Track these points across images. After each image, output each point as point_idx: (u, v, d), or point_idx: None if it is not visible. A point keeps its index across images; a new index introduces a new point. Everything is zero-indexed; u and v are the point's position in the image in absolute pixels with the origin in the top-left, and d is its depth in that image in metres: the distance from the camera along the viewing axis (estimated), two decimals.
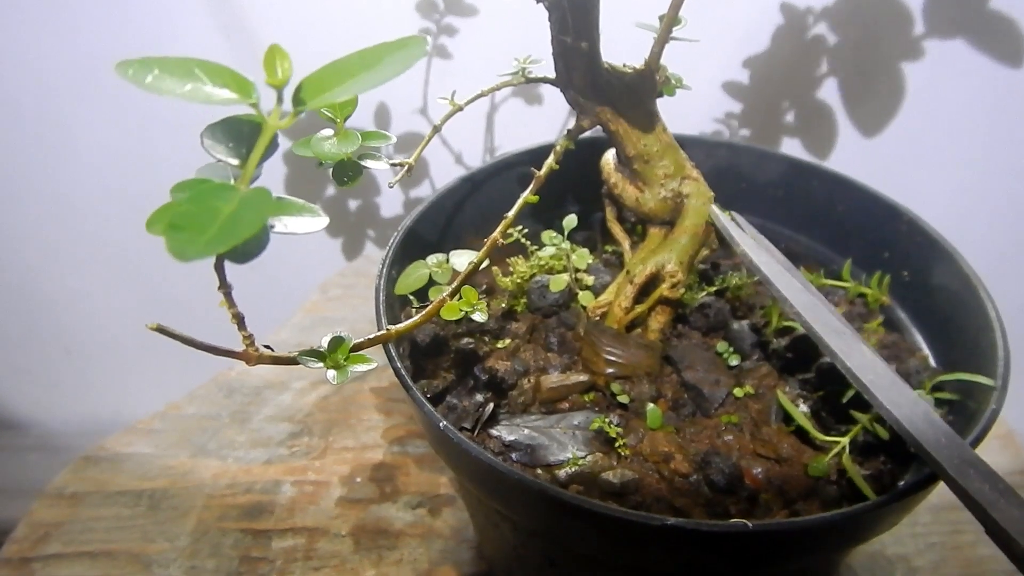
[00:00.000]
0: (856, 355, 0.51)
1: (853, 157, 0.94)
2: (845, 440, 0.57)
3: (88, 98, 0.97)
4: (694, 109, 0.86)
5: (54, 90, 0.95)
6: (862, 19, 0.84)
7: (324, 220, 0.31)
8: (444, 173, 1.02)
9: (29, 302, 1.19)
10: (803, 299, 0.53)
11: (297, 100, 0.27)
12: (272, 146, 0.29)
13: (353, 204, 1.09)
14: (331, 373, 0.39)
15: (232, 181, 0.30)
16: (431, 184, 1.05)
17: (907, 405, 0.48)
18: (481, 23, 0.92)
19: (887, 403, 0.49)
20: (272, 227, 0.29)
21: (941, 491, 0.82)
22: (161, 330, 0.34)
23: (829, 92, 0.91)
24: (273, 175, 1.03)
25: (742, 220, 0.62)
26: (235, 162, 0.30)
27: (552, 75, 0.58)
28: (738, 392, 0.63)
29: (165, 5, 0.89)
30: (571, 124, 0.59)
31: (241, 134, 0.30)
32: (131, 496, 0.81)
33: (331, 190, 1.08)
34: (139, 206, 1.08)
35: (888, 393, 0.49)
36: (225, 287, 0.35)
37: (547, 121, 1.00)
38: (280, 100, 0.27)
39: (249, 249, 0.28)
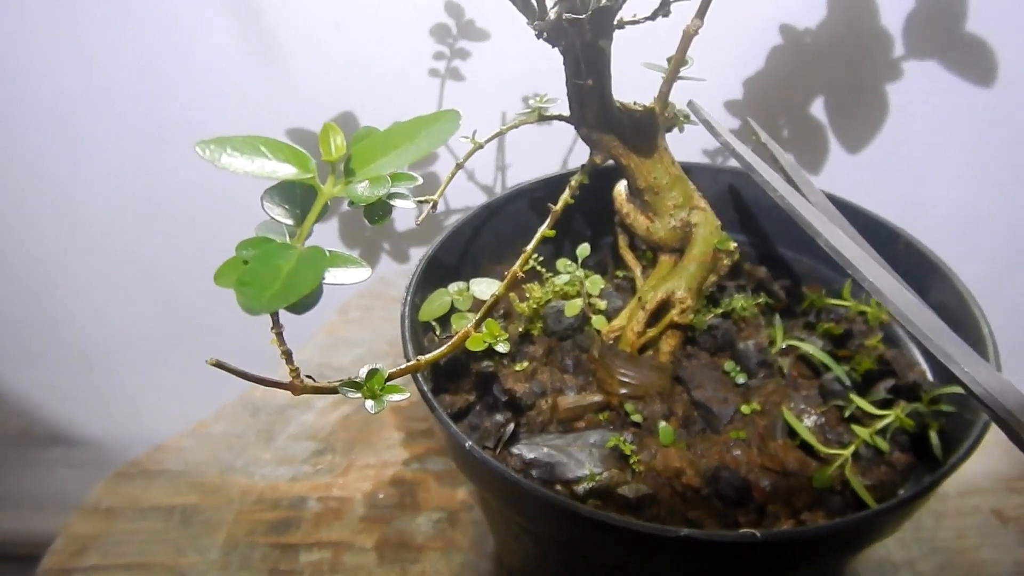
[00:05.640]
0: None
1: (844, 171, 0.97)
2: (847, 453, 0.61)
3: (105, 114, 0.99)
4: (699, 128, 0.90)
5: (72, 107, 0.98)
6: (850, 40, 0.88)
7: (367, 271, 0.34)
8: (457, 189, 1.04)
9: (52, 320, 1.21)
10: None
11: (348, 171, 0.31)
12: (324, 209, 0.32)
13: None
14: (369, 403, 0.42)
15: (288, 238, 0.33)
16: (445, 200, 1.08)
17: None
18: (493, 47, 0.95)
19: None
20: (323, 279, 0.32)
21: (945, 498, 0.85)
22: (219, 365, 0.37)
23: (821, 110, 0.94)
24: None
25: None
26: (290, 222, 0.33)
27: (566, 113, 0.62)
28: (745, 409, 0.66)
29: (181, 21, 0.92)
30: (580, 144, 0.63)
31: (295, 196, 0.33)
32: (163, 511, 0.84)
33: (345, 205, 1.11)
34: (157, 223, 1.10)
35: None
36: (277, 327, 0.38)
37: (558, 140, 1.03)
38: (333, 171, 0.31)
39: (306, 302, 0.32)
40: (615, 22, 0.55)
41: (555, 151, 1.04)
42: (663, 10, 0.59)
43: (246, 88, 0.97)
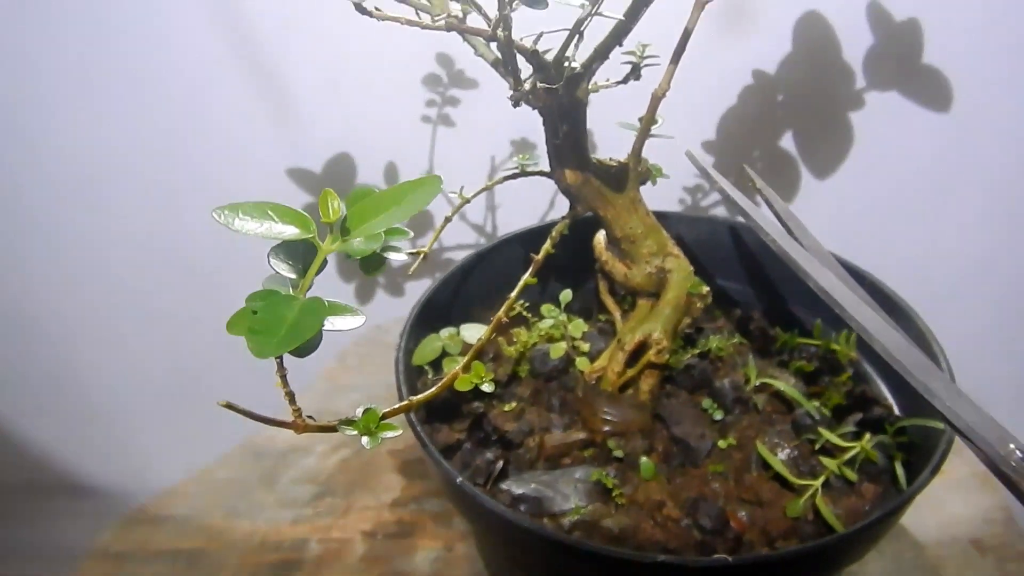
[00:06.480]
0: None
1: (816, 198, 1.02)
2: (817, 483, 0.64)
3: (116, 166, 1.02)
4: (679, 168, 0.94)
5: (85, 160, 1.01)
6: (815, 75, 0.93)
7: (362, 319, 0.38)
8: (449, 227, 1.07)
9: (56, 371, 1.24)
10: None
11: (344, 230, 0.36)
12: (323, 264, 0.37)
13: None
14: (365, 439, 0.46)
15: (292, 290, 0.38)
16: (431, 224, 1.11)
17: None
18: (482, 94, 1.01)
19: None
20: (323, 327, 0.37)
21: (925, 528, 0.88)
22: (229, 406, 0.41)
23: (791, 141, 0.99)
24: None
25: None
26: (293, 276, 0.38)
27: (547, 169, 0.66)
28: (722, 444, 0.70)
29: (198, 83, 0.97)
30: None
31: (298, 253, 0.38)
32: (170, 555, 0.87)
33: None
34: (161, 273, 1.12)
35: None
36: (281, 371, 0.42)
37: (545, 181, 1.07)
38: (331, 230, 0.35)
39: (308, 346, 0.36)
40: (589, 87, 0.60)
41: (543, 192, 1.08)
42: (634, 75, 0.64)
43: (257, 141, 1.01)
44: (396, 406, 0.51)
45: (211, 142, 1.01)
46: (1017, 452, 0.46)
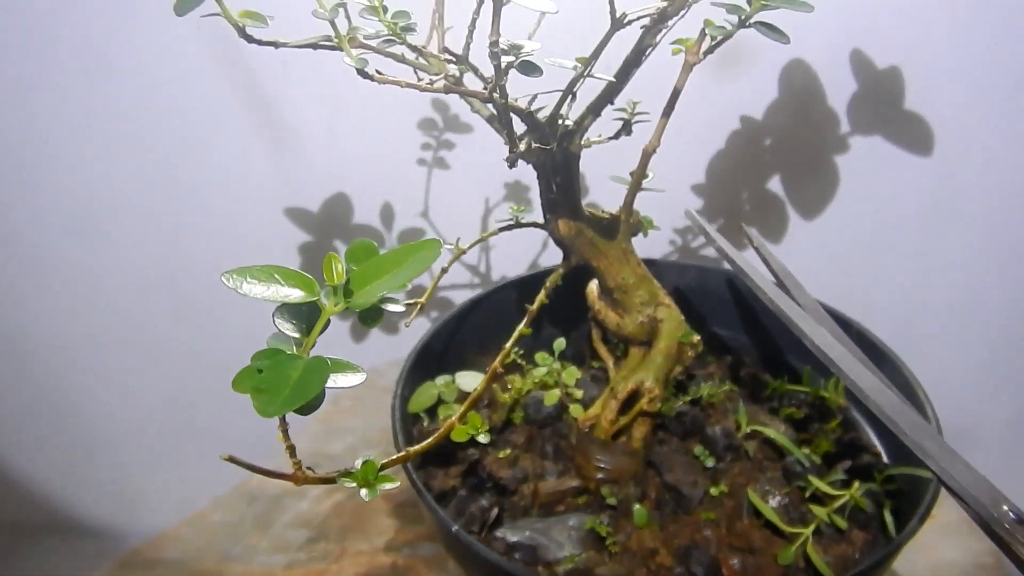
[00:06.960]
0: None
1: (803, 239, 1.04)
2: (807, 531, 0.65)
3: (122, 205, 1.02)
4: (669, 212, 0.95)
5: (90, 197, 1.02)
6: (800, 120, 0.95)
7: (362, 376, 0.39)
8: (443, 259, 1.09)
9: (52, 408, 1.24)
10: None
11: (347, 292, 0.37)
12: (326, 324, 0.38)
13: None
14: (363, 491, 0.47)
15: (295, 349, 0.39)
16: (429, 272, 1.12)
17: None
18: (477, 138, 1.03)
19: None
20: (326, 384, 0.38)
21: (913, 572, 0.89)
22: (232, 460, 0.42)
23: (779, 185, 1.02)
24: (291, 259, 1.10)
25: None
26: (297, 336, 0.39)
27: (541, 220, 0.68)
28: (714, 491, 0.70)
29: (201, 117, 0.99)
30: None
31: (302, 313, 0.39)
32: None
33: None
34: (161, 314, 1.12)
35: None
36: (283, 425, 0.43)
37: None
38: (335, 293, 0.37)
39: (312, 405, 0.37)
40: (582, 142, 0.62)
41: (536, 233, 1.10)
42: (625, 130, 0.66)
43: (255, 179, 1.03)
44: (394, 457, 0.52)
45: (210, 179, 1.03)
46: (1010, 513, 0.47)
